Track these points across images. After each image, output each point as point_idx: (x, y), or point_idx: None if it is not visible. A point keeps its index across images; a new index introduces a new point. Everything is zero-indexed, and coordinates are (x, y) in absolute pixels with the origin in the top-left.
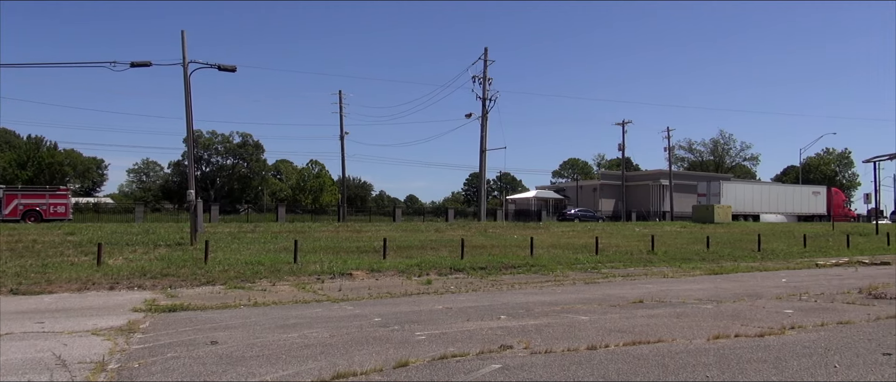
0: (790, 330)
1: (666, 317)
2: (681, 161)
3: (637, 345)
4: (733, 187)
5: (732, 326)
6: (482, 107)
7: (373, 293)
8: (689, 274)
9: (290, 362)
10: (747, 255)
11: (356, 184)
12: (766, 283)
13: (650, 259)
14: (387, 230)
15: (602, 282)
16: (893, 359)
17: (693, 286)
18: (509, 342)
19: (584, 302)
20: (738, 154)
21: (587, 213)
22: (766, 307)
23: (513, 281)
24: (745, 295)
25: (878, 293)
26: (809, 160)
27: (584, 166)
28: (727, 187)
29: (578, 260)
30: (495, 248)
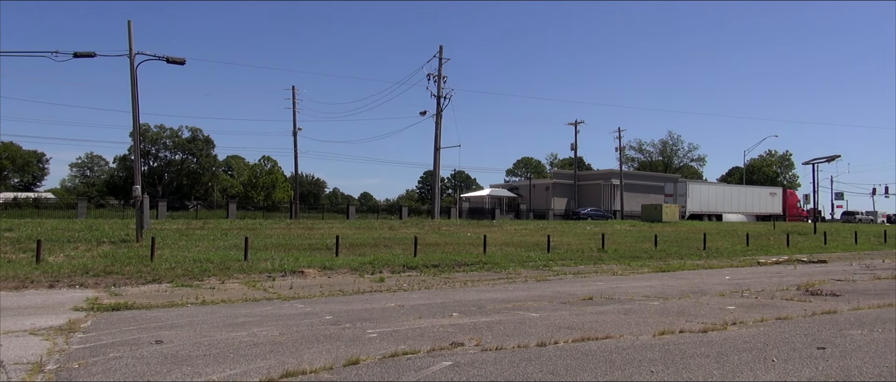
0: (732, 326)
1: (614, 314)
2: (631, 161)
3: (585, 341)
4: (698, 187)
5: (678, 322)
6: (437, 105)
7: (325, 291)
8: (637, 272)
9: (237, 361)
10: (693, 253)
11: (309, 181)
12: (711, 280)
13: (600, 257)
14: (340, 228)
15: (553, 279)
16: (827, 353)
17: (641, 284)
18: (461, 339)
19: (535, 299)
20: (685, 155)
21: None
22: (710, 304)
23: (466, 279)
24: (691, 292)
25: (815, 290)
26: (753, 162)
27: (537, 165)
28: (693, 188)
29: (531, 258)
30: (449, 246)
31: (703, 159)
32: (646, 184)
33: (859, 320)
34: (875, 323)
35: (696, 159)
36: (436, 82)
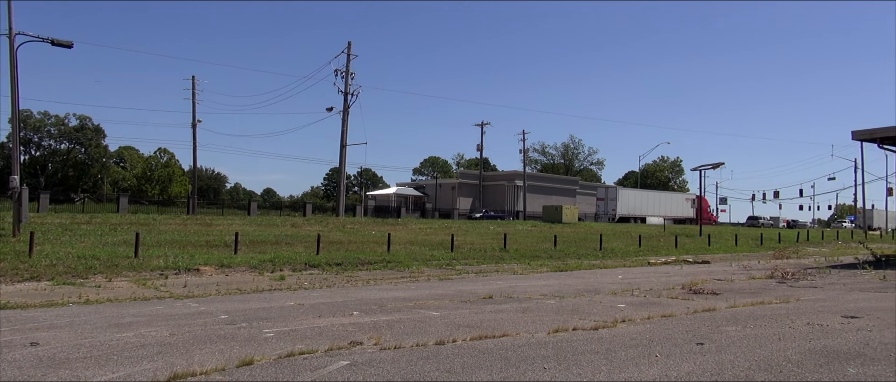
0: (621, 323)
1: (512, 312)
2: (535, 163)
3: (483, 340)
4: (626, 193)
5: (571, 320)
6: (344, 101)
7: (221, 290)
8: (537, 271)
9: (121, 363)
10: (590, 253)
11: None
12: (605, 280)
13: (502, 257)
14: (240, 224)
15: (456, 278)
16: (705, 348)
17: (540, 283)
18: (360, 338)
19: (436, 298)
20: (586, 158)
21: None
22: (602, 302)
23: (369, 277)
24: (586, 291)
25: (697, 289)
26: (647, 166)
27: (444, 165)
28: (622, 193)
29: (435, 257)
30: (353, 244)
31: (601, 163)
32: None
33: (735, 317)
34: (748, 320)
35: (595, 163)
36: (343, 78)
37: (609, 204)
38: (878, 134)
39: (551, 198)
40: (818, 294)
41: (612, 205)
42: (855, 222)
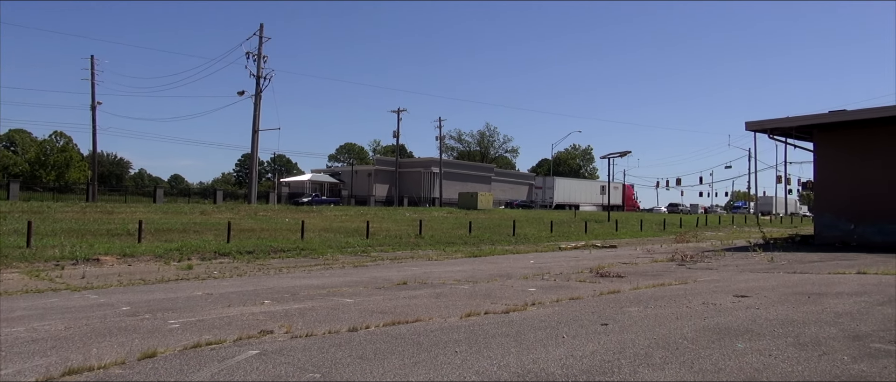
0: (531, 306)
1: (426, 298)
2: (451, 150)
3: (396, 325)
4: (563, 182)
5: (484, 304)
6: (256, 85)
7: (123, 281)
8: (451, 257)
9: (10, 359)
10: (504, 239)
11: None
12: (517, 264)
13: (418, 243)
14: (145, 212)
15: (371, 265)
16: (609, 328)
17: (454, 268)
18: (270, 327)
19: (351, 285)
20: (501, 146)
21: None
22: (514, 287)
23: (282, 265)
24: (498, 276)
25: (604, 272)
26: (559, 154)
27: (360, 151)
28: (559, 183)
29: (350, 244)
30: (265, 231)
31: (516, 151)
32: (464, 173)
33: (637, 298)
34: (649, 301)
35: (510, 151)
36: (255, 61)
37: (546, 192)
38: (768, 125)
39: (467, 185)
40: (713, 276)
41: (549, 193)
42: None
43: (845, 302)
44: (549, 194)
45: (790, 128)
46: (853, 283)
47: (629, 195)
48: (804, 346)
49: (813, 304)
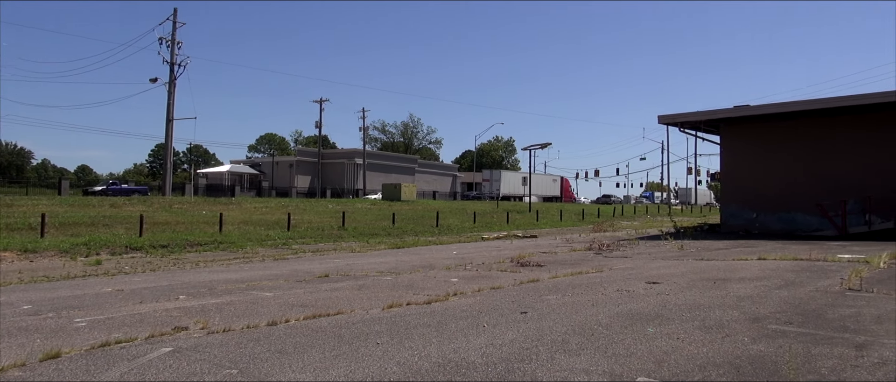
0: (453, 297)
1: (348, 290)
2: (375, 141)
3: (317, 318)
4: (508, 175)
5: (406, 295)
6: (170, 72)
7: (25, 278)
8: (375, 249)
9: None
10: (427, 230)
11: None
12: (440, 255)
13: (341, 235)
14: (49, 205)
15: (292, 258)
16: (528, 316)
17: (377, 260)
18: (185, 323)
19: (271, 278)
20: (425, 137)
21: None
22: (437, 277)
23: (198, 259)
24: (421, 267)
25: (524, 262)
26: (483, 146)
27: (281, 142)
28: (505, 176)
29: (270, 236)
30: (181, 224)
31: (440, 142)
32: (388, 164)
33: (556, 286)
34: (567, 289)
35: (433, 142)
36: (169, 47)
37: (494, 185)
38: (678, 119)
39: (391, 176)
40: (628, 263)
41: (496, 186)
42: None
43: (747, 287)
44: (495, 186)
45: (699, 122)
46: (754, 268)
47: (567, 188)
48: (709, 329)
49: (718, 289)
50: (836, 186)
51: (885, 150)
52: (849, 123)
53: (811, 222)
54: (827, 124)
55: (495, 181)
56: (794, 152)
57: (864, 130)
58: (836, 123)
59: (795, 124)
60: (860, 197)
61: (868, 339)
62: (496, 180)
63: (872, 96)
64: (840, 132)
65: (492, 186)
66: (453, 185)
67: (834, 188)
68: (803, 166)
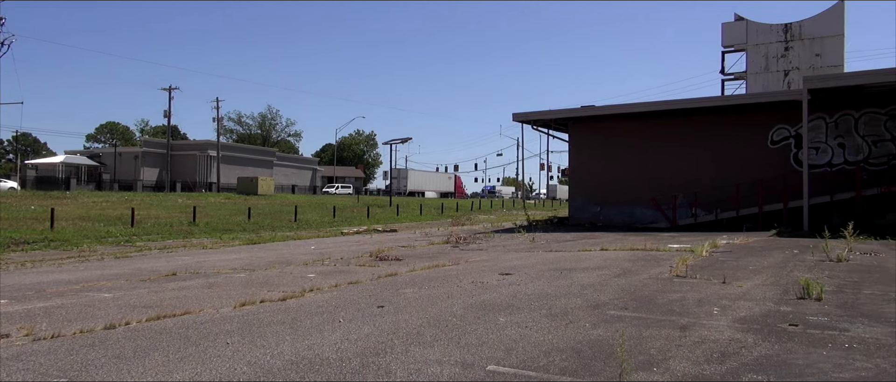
0: (309, 293)
1: (198, 288)
2: (230, 133)
3: (162, 319)
4: (414, 173)
5: (260, 292)
6: None
7: None
8: (228, 245)
9: None
10: (285, 225)
11: None
12: (298, 251)
13: (191, 231)
14: None
15: (136, 256)
16: (384, 310)
17: (231, 257)
18: (6, 330)
19: (111, 278)
20: (283, 130)
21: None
22: (293, 273)
23: (25, 259)
24: (278, 263)
25: (383, 256)
26: (344, 139)
27: (124, 132)
28: (412, 174)
29: (111, 233)
30: (4, 221)
31: (299, 135)
32: (244, 157)
33: (413, 280)
34: (424, 282)
35: (293, 135)
36: None
37: (401, 182)
38: (531, 117)
39: (247, 169)
40: (483, 256)
41: (403, 182)
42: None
43: (590, 276)
44: (403, 183)
45: (550, 120)
46: (597, 259)
47: (459, 184)
48: (555, 316)
49: (564, 279)
50: (669, 182)
51: (709, 150)
52: (680, 124)
53: (648, 215)
54: (662, 125)
55: (403, 179)
56: (633, 150)
57: (692, 132)
58: (670, 124)
59: (635, 125)
60: (688, 193)
61: (691, 321)
62: (404, 178)
63: (699, 101)
64: (673, 133)
65: (400, 183)
66: (313, 179)
67: (667, 184)
68: (641, 164)
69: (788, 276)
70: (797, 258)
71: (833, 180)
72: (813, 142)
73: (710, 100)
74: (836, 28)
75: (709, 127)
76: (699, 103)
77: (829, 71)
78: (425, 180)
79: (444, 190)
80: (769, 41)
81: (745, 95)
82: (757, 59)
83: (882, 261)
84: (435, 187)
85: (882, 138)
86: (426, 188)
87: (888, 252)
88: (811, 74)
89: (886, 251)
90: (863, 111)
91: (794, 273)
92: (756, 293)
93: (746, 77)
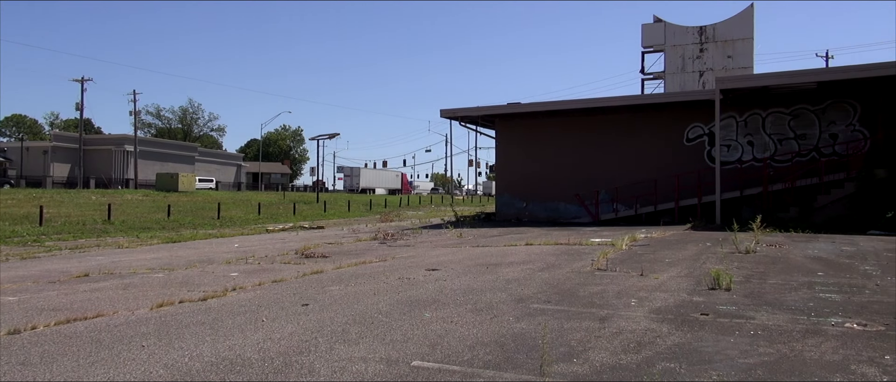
0: (232, 292)
1: (112, 290)
2: (149, 127)
3: (72, 323)
4: (365, 171)
5: (179, 293)
6: None
7: None
8: (146, 244)
9: None
10: (208, 223)
11: None
12: (221, 249)
13: (106, 230)
14: None
15: (44, 257)
16: (310, 308)
17: (148, 256)
18: None
19: (16, 281)
20: (206, 124)
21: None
22: (215, 272)
23: None
24: (199, 262)
25: (309, 253)
26: (269, 135)
27: (32, 125)
28: (363, 172)
29: (17, 233)
30: None
31: (222, 130)
32: (164, 152)
33: (339, 277)
34: (351, 279)
35: (216, 129)
36: None
37: (354, 179)
38: (459, 113)
39: (167, 165)
40: (410, 252)
41: (356, 180)
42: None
43: (515, 270)
44: (355, 180)
45: (477, 116)
46: (522, 253)
47: (405, 181)
48: (480, 311)
49: (490, 273)
50: (592, 178)
51: (629, 147)
52: (602, 122)
53: (571, 210)
54: (585, 123)
55: (356, 177)
56: (557, 146)
57: (614, 129)
58: (593, 122)
59: (559, 122)
60: (610, 188)
61: (610, 312)
62: (357, 176)
63: (620, 99)
64: (595, 130)
65: (352, 180)
66: (238, 175)
67: (590, 180)
68: (565, 160)
69: (701, 268)
70: (710, 250)
71: (743, 176)
72: (725, 140)
73: (630, 99)
74: (746, 31)
75: (629, 125)
76: (620, 102)
77: (740, 72)
78: (376, 178)
79: (392, 187)
80: (685, 43)
81: (662, 95)
82: (674, 59)
83: (786, 253)
84: (384, 185)
85: (787, 136)
86: (376, 186)
87: (791, 244)
88: (723, 75)
89: (790, 243)
90: (769, 111)
91: (707, 265)
92: (671, 284)
93: (665, 77)
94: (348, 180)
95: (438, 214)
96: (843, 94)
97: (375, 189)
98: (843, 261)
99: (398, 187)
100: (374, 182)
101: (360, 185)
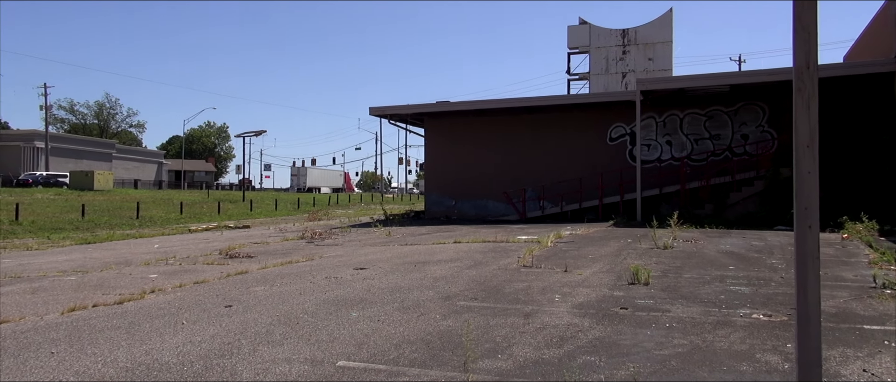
0: (150, 294)
1: (19, 294)
2: (61, 123)
3: None
4: (312, 170)
5: (93, 296)
6: None
7: None
8: (58, 245)
9: None
10: (126, 223)
11: None
12: (139, 250)
13: (14, 230)
14: None
15: None
16: (233, 309)
17: (60, 258)
18: None
19: None
20: (124, 120)
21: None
22: (133, 274)
23: None
24: (115, 263)
25: (234, 253)
26: (193, 131)
27: None
28: (310, 171)
29: None
30: None
31: (142, 126)
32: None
33: (265, 277)
34: (277, 279)
35: (135, 125)
36: None
37: (301, 179)
38: (388, 111)
39: (82, 162)
40: (338, 251)
41: (303, 179)
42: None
43: (443, 268)
44: (302, 180)
45: (407, 115)
46: (450, 251)
47: (348, 180)
48: (407, 309)
49: (418, 271)
50: (519, 176)
51: (555, 146)
52: (529, 121)
53: (499, 208)
54: (512, 122)
55: (303, 176)
56: (486, 145)
57: (540, 128)
58: (520, 121)
59: (487, 121)
60: (536, 186)
61: (534, 308)
62: (303, 175)
63: (546, 99)
64: (522, 129)
65: (300, 179)
66: (159, 173)
67: (517, 178)
68: (493, 159)
69: (622, 263)
70: (631, 246)
71: (662, 174)
72: (645, 139)
73: (556, 98)
74: (665, 34)
75: (555, 124)
76: (546, 102)
77: (660, 74)
78: (322, 177)
79: (336, 186)
80: (609, 45)
81: (586, 95)
82: (598, 61)
83: (701, 248)
84: (329, 184)
85: (702, 137)
86: (322, 184)
87: (706, 239)
88: (644, 76)
89: (705, 238)
90: (686, 112)
91: (628, 261)
92: (593, 279)
93: (589, 78)
94: (295, 179)
95: (368, 212)
96: (754, 96)
97: (321, 188)
98: (753, 255)
99: (342, 186)
100: (320, 181)
101: (307, 184)
